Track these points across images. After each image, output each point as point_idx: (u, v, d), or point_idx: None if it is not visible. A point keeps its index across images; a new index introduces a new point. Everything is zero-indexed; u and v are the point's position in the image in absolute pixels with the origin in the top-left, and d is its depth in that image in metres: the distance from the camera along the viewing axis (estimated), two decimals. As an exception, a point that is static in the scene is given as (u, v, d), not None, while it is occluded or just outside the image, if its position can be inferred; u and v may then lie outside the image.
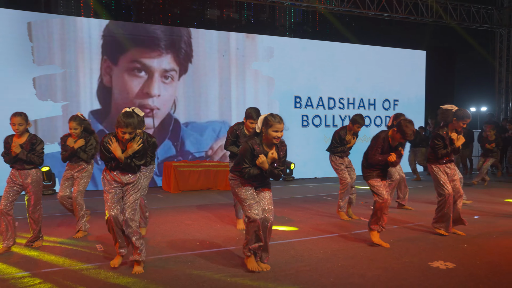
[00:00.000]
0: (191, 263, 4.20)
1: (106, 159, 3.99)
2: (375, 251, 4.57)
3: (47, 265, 4.22)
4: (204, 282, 3.69)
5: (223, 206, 7.45)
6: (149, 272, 3.96)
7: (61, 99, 9.35)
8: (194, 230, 5.62)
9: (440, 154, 5.08)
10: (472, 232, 5.36)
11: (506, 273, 3.92)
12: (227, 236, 5.30)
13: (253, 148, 3.72)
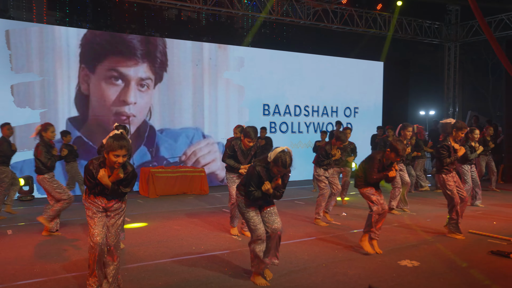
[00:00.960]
0: (193, 267, 4.73)
1: (91, 185, 3.79)
2: (352, 252, 5.27)
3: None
4: (211, 283, 4.24)
5: (207, 211, 7.96)
6: (155, 277, 4.45)
7: (39, 106, 9.54)
8: (186, 235, 6.11)
9: (445, 163, 5.81)
10: (430, 233, 6.19)
11: (460, 269, 4.70)
12: (218, 241, 5.84)
13: (260, 175, 4.14)
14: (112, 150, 3.66)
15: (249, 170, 4.23)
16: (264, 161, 4.13)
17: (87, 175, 3.76)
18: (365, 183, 5.20)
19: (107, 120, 10.18)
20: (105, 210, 3.88)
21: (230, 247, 5.52)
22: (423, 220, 7.09)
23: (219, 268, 4.69)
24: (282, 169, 3.98)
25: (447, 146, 5.89)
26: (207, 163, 11.44)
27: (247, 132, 5.65)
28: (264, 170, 4.11)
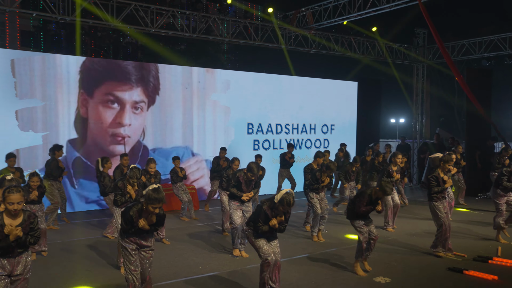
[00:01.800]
0: (204, 285, 5.61)
1: (127, 228, 4.52)
2: (335, 270, 6.25)
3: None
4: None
5: (203, 229, 8.81)
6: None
7: (42, 130, 10.19)
8: (190, 255, 6.96)
9: (433, 191, 6.81)
10: (398, 251, 7.24)
11: (424, 284, 5.74)
12: (220, 260, 6.72)
13: (266, 213, 5.02)
14: (152, 204, 4.41)
15: (257, 209, 5.12)
16: (270, 201, 5.03)
17: (125, 220, 4.49)
18: (355, 216, 6.13)
19: (104, 141, 10.91)
20: (140, 247, 4.64)
21: (232, 266, 6.42)
22: (400, 238, 8.15)
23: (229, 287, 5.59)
24: (287, 207, 4.90)
25: (436, 177, 6.89)
26: (196, 179, 12.27)
27: (251, 167, 6.54)
28: (269, 209, 5.01)
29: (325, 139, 14.82)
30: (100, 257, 6.83)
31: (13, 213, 3.91)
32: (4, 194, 3.92)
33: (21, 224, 3.93)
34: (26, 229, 3.94)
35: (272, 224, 4.97)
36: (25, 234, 3.93)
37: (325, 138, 14.81)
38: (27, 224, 3.97)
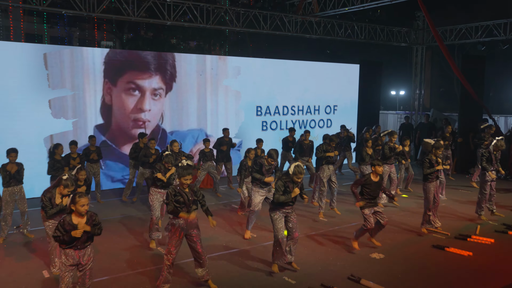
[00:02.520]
0: (230, 261, 6.79)
1: (176, 210, 5.59)
2: (336, 248, 7.42)
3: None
4: (247, 274, 6.32)
5: (220, 207, 9.96)
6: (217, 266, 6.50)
7: (72, 117, 11.23)
8: (213, 233, 8.11)
9: (424, 172, 7.89)
10: (391, 229, 8.41)
11: (412, 259, 6.91)
12: (238, 238, 7.89)
13: (286, 185, 6.14)
14: (183, 176, 5.57)
15: (278, 183, 6.21)
16: (286, 175, 6.17)
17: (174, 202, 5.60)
18: (364, 206, 7.15)
19: (127, 126, 11.96)
20: (185, 228, 5.74)
21: (251, 243, 7.59)
22: (394, 216, 9.32)
23: (248, 261, 6.77)
24: (299, 175, 6.06)
25: (429, 159, 7.98)
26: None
27: (270, 153, 7.58)
28: (288, 181, 6.16)
29: (328, 119, 15.85)
30: (133, 234, 8.02)
31: (83, 214, 4.86)
32: (75, 199, 4.88)
33: (87, 222, 4.88)
34: (90, 225, 4.91)
35: (295, 194, 6.11)
36: (92, 228, 4.90)
37: (328, 118, 15.84)
38: (91, 222, 4.93)
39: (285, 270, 6.43)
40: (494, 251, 7.28)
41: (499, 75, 30.99)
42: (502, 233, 8.11)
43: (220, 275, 6.23)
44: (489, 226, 8.55)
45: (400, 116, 19.96)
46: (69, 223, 4.75)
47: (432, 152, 8.05)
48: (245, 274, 6.35)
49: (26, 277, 6.21)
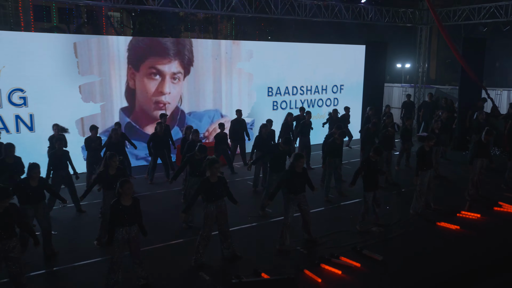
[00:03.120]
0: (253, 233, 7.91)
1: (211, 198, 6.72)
2: (342, 223, 8.50)
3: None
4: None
5: (238, 184, 11.04)
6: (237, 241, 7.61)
7: (100, 100, 12.23)
8: (234, 208, 9.21)
9: (419, 165, 8.76)
10: (390, 208, 9.47)
11: (410, 232, 7.99)
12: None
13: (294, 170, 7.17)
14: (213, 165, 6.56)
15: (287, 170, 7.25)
16: (290, 165, 7.18)
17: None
18: (366, 188, 8.15)
19: (149, 108, 12.96)
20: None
21: (264, 219, 8.72)
22: (392, 195, 10.40)
23: (265, 232, 7.90)
24: (303, 160, 7.10)
25: (422, 152, 8.84)
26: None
27: (287, 140, 8.66)
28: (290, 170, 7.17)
29: (335, 98, 16.75)
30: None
31: (130, 197, 5.87)
32: (122, 185, 5.90)
33: (132, 205, 5.91)
34: (135, 206, 5.93)
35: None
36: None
37: (335, 97, 16.74)
38: (136, 204, 5.97)
39: (297, 243, 7.54)
40: (479, 224, 8.36)
41: (506, 46, 31.26)
42: (488, 209, 9.16)
43: (242, 246, 7.34)
44: (478, 203, 9.60)
45: (405, 89, 20.67)
46: (119, 204, 5.79)
47: (425, 144, 8.88)
48: (261, 245, 7.47)
49: (83, 245, 7.39)
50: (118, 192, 5.78)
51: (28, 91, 11.11)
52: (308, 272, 6.40)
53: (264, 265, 6.63)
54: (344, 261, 6.77)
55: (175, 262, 6.88)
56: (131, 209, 5.79)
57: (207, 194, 6.64)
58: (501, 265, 6.95)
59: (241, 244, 7.35)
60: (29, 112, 11.20)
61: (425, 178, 8.78)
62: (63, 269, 6.64)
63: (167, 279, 6.31)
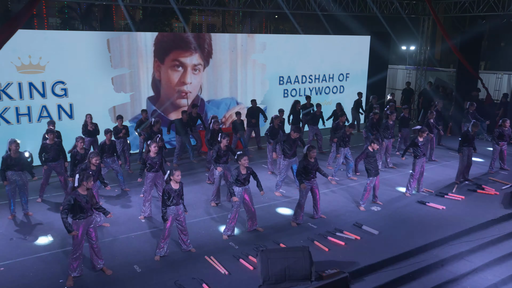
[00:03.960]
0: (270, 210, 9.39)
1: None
2: (345, 202, 9.95)
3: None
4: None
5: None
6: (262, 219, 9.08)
7: (129, 90, 13.60)
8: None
9: (414, 153, 10.21)
10: (386, 190, 10.90)
11: (404, 211, 9.44)
12: (272, 195, 10.47)
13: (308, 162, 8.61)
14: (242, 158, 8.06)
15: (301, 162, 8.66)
16: (304, 156, 8.59)
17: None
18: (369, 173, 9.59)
19: (172, 97, 14.33)
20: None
21: (279, 199, 10.18)
22: (394, 180, 11.82)
23: (281, 210, 9.38)
24: (315, 151, 8.52)
25: (415, 142, 10.25)
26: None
27: (297, 128, 10.05)
28: (304, 160, 8.59)
29: (341, 85, 18.04)
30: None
31: (178, 182, 7.39)
32: (172, 172, 7.35)
33: (179, 187, 7.46)
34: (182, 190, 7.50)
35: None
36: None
37: (341, 85, 18.02)
38: (182, 187, 7.52)
39: (308, 220, 9.02)
40: (462, 205, 9.81)
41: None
42: (473, 191, 10.59)
43: (262, 222, 8.82)
44: (464, 186, 11.02)
45: (409, 72, 21.82)
46: (171, 188, 7.27)
47: (418, 135, 10.29)
48: (277, 221, 8.95)
49: (128, 220, 8.91)
50: (169, 178, 7.29)
51: (68, 83, 12.49)
52: (318, 243, 7.89)
53: (282, 237, 8.13)
54: (347, 234, 8.26)
55: (210, 234, 8.38)
56: (179, 190, 7.30)
57: (237, 180, 8.08)
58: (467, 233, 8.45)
59: (261, 220, 8.83)
60: (69, 102, 12.61)
61: (418, 166, 10.20)
62: (121, 238, 8.16)
63: (205, 246, 7.82)
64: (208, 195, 10.23)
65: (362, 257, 7.46)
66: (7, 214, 9.07)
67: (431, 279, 7.34)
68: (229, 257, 7.45)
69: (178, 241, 7.70)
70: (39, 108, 12.21)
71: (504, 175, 11.83)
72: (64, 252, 7.57)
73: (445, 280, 7.32)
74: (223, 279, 6.80)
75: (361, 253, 7.64)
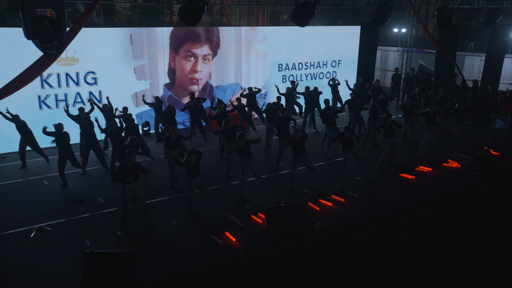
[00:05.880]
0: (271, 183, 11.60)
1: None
2: (333, 172, 12.16)
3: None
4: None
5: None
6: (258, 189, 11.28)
7: (149, 78, 15.64)
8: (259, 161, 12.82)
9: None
10: (369, 162, 13.11)
11: (382, 180, 11.66)
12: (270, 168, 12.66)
13: (292, 139, 10.74)
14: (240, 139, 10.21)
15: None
16: (290, 136, 10.74)
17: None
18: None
19: (185, 83, 16.38)
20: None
21: (281, 171, 12.38)
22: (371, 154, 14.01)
23: (279, 182, 11.58)
24: (298, 131, 10.65)
25: (385, 123, 12.46)
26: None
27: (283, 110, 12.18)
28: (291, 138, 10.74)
29: (334, 71, 20.09)
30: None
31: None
32: (190, 154, 9.45)
33: (197, 162, 9.55)
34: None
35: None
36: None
37: (333, 71, 20.08)
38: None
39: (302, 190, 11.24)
40: (430, 176, 12.05)
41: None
42: (439, 164, 12.82)
43: (266, 189, 11.02)
44: (434, 160, 13.24)
45: (400, 54, 23.82)
46: (190, 160, 9.43)
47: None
48: (279, 188, 11.16)
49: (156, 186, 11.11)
50: (187, 158, 9.38)
51: (97, 73, 14.52)
52: (311, 204, 10.14)
53: (283, 199, 10.37)
54: (334, 198, 10.50)
55: (226, 198, 10.60)
56: (196, 165, 9.42)
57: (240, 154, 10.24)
58: (434, 199, 10.71)
59: (265, 187, 11.05)
60: (98, 89, 14.67)
61: (388, 144, 12.42)
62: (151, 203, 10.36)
63: (223, 210, 10.03)
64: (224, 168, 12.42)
65: (346, 214, 9.73)
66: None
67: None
68: (242, 214, 9.70)
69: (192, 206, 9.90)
70: (74, 95, 14.28)
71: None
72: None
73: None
74: (239, 230, 9.05)
75: (344, 211, 9.89)
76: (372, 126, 14.24)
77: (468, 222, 10.56)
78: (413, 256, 9.35)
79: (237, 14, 27.48)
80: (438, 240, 9.82)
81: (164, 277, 7.57)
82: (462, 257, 9.68)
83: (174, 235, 8.87)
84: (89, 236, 8.76)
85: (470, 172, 12.27)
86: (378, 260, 9.09)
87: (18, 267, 7.72)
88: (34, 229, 8.92)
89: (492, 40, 17.29)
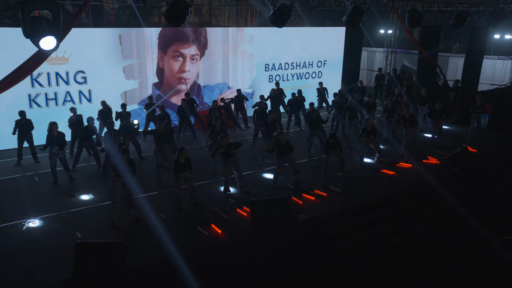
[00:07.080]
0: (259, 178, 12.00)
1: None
2: (317, 169, 12.58)
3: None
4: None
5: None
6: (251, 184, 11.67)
7: (137, 78, 15.95)
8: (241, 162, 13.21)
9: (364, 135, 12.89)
10: (354, 158, 13.57)
11: (363, 176, 12.12)
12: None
13: (278, 143, 11.21)
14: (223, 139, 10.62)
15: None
16: (276, 140, 11.17)
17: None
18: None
19: (174, 83, 16.71)
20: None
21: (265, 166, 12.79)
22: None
23: (266, 176, 11.98)
24: (283, 135, 11.06)
25: (366, 127, 12.90)
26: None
27: (271, 111, 12.58)
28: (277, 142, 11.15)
29: (319, 71, 20.56)
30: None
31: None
32: (181, 150, 9.88)
33: (186, 160, 10.03)
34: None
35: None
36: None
37: (319, 71, 20.54)
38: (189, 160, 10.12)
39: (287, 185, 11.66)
40: (410, 172, 12.53)
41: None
42: (419, 161, 13.31)
43: (251, 183, 11.41)
44: (413, 157, 13.74)
45: (386, 54, 24.36)
46: (178, 161, 9.82)
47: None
48: (263, 183, 11.55)
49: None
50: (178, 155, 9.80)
51: (87, 72, 14.80)
52: (294, 198, 10.55)
53: (266, 194, 10.76)
54: (316, 192, 10.92)
55: (212, 192, 10.98)
56: (186, 164, 9.86)
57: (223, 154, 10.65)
58: (413, 193, 11.20)
59: (250, 182, 11.45)
60: (88, 88, 14.95)
61: (368, 143, 12.89)
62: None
63: (210, 200, 10.40)
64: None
65: (327, 208, 10.16)
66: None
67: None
68: (228, 208, 10.08)
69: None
70: (64, 94, 14.54)
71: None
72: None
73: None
74: (225, 222, 9.43)
75: (326, 205, 10.32)
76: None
77: (443, 215, 11.06)
78: (391, 248, 9.82)
79: (226, 15, 28.13)
80: (414, 232, 10.30)
81: (153, 266, 7.92)
82: (438, 248, 10.17)
83: (162, 227, 9.21)
84: (80, 228, 9.08)
85: (448, 168, 12.77)
86: (356, 251, 9.54)
87: (10, 258, 8.02)
88: (26, 222, 9.23)
89: (471, 42, 17.85)
